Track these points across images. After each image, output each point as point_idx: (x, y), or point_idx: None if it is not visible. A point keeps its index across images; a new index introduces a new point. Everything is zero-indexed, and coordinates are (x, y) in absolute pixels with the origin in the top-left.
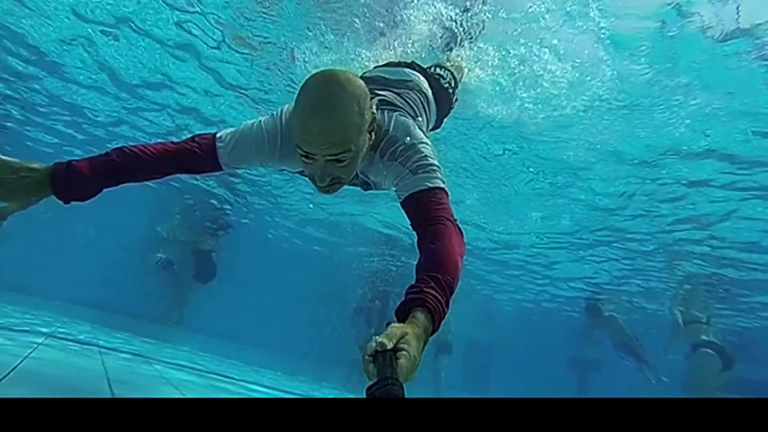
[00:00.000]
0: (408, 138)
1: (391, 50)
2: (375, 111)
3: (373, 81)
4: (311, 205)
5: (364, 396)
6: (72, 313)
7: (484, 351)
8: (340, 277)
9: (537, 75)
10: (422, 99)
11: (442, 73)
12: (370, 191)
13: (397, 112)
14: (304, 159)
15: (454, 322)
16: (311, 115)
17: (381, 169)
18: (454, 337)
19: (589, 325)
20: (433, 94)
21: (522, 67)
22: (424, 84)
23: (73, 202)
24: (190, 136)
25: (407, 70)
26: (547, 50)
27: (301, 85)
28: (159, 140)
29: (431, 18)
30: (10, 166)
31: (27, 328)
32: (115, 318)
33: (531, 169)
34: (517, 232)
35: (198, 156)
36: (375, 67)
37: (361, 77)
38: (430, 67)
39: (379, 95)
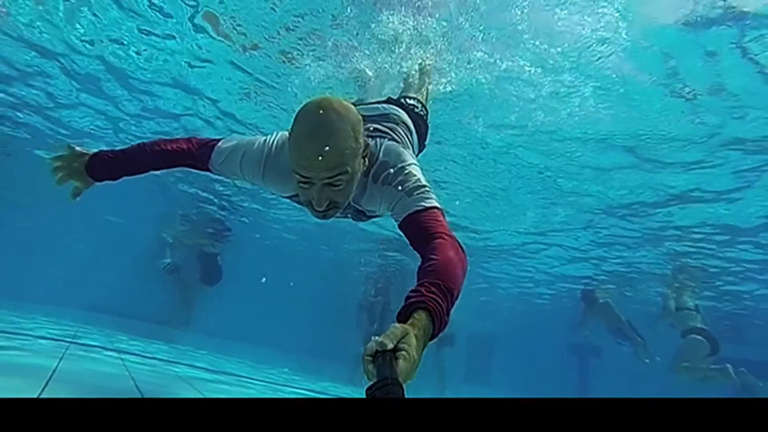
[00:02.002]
0: (399, 162)
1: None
2: (367, 138)
3: None
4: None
5: (364, 396)
6: (83, 319)
7: (486, 342)
8: (343, 276)
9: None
10: (405, 129)
11: (413, 102)
12: (361, 221)
13: (385, 139)
14: (301, 184)
15: (455, 314)
16: (308, 139)
17: (375, 195)
18: (457, 330)
19: (584, 313)
20: (413, 122)
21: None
22: (404, 115)
23: (107, 182)
24: (198, 138)
25: (384, 105)
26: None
27: (296, 112)
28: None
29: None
30: (75, 153)
31: (48, 336)
32: (126, 322)
33: (527, 167)
34: (514, 229)
35: (196, 159)
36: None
37: None
38: (400, 98)
39: (367, 126)
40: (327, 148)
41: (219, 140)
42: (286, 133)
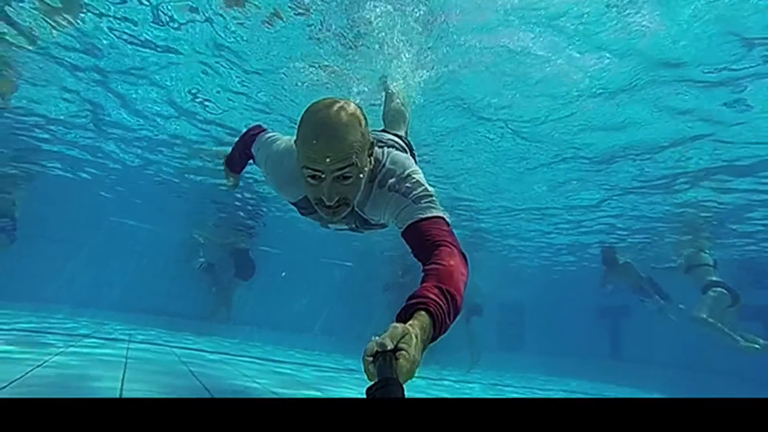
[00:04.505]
0: (405, 170)
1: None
2: (372, 141)
3: None
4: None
5: (365, 396)
6: (131, 320)
7: (516, 309)
8: (370, 259)
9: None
10: (402, 152)
11: (402, 134)
12: (363, 231)
13: (392, 149)
14: (310, 180)
15: (483, 285)
16: (317, 132)
17: (380, 202)
18: (485, 300)
19: (605, 274)
20: (407, 147)
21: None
22: (399, 141)
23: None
24: (258, 129)
25: (380, 132)
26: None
27: (301, 114)
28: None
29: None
30: (220, 153)
31: (110, 336)
32: (170, 320)
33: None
34: (529, 201)
35: (249, 151)
36: None
37: None
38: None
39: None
40: (335, 138)
41: (261, 132)
42: (290, 138)
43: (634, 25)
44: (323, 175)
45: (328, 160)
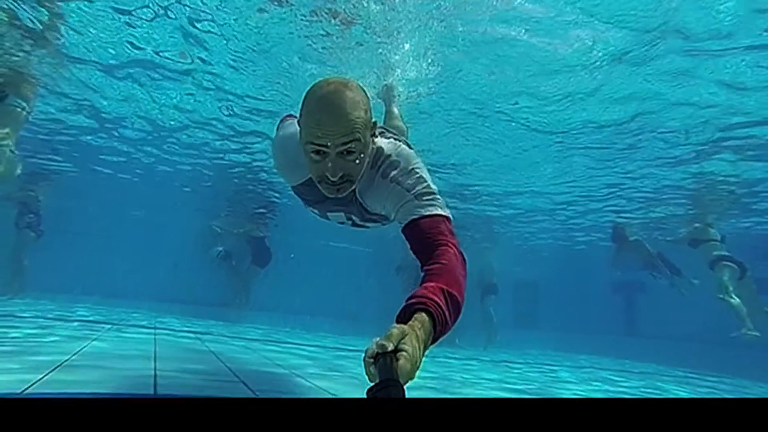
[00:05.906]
0: (410, 164)
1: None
2: (379, 133)
3: None
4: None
5: (365, 397)
6: (153, 308)
7: (531, 288)
8: (382, 242)
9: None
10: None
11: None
12: (362, 225)
13: (400, 142)
14: (314, 156)
15: (497, 264)
16: (320, 108)
17: (382, 192)
18: (500, 279)
19: (616, 252)
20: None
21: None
22: (403, 138)
23: None
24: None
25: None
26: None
27: (305, 93)
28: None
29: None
30: None
31: (136, 323)
32: (192, 308)
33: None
34: (538, 186)
35: None
36: None
37: None
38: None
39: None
40: (339, 112)
41: (283, 120)
42: (292, 122)
43: None
44: (328, 150)
45: (332, 134)
